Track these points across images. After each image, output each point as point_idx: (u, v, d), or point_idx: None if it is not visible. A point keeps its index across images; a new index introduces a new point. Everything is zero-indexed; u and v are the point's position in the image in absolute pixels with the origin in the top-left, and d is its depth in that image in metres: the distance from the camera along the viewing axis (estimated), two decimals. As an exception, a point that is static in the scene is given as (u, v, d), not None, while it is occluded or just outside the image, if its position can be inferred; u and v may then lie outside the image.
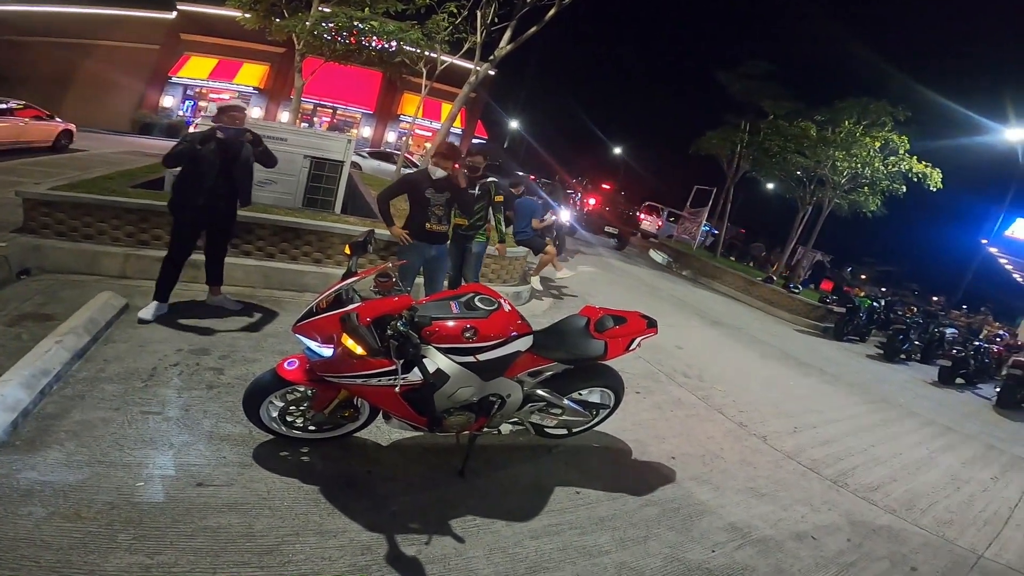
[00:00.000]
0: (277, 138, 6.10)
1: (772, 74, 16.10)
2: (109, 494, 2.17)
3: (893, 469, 4.31)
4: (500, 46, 8.08)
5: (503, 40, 8.04)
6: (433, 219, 4.01)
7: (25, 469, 2.20)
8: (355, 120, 24.11)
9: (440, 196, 4.00)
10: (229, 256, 4.82)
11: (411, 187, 4.05)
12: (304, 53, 10.50)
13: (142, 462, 2.38)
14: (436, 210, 4.01)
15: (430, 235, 4.06)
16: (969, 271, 15.71)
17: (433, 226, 4.02)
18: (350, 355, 2.22)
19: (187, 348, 3.46)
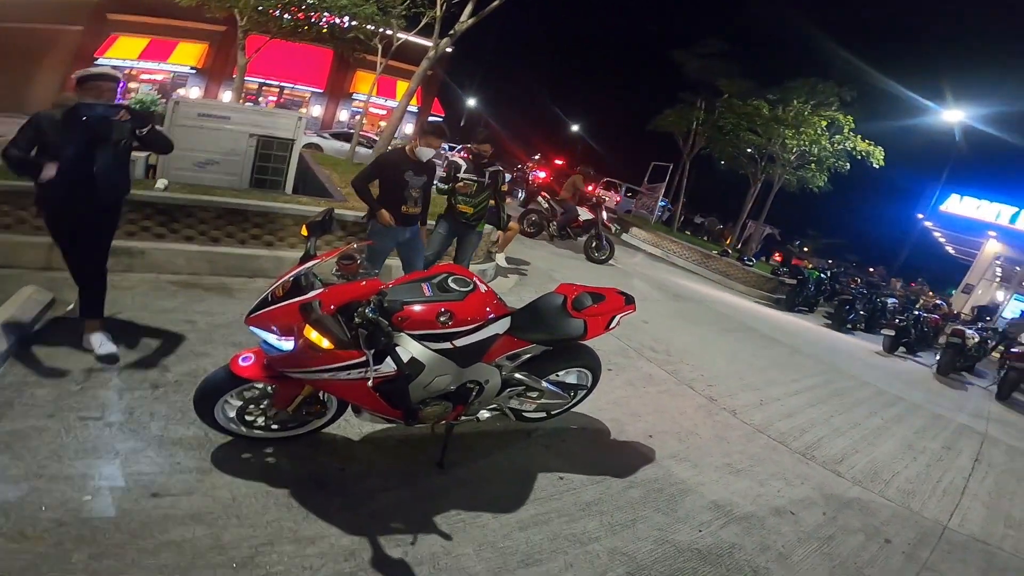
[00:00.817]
0: (219, 116, 5.70)
1: (726, 53, 16.40)
2: (54, 511, 1.92)
3: (854, 440, 4.47)
4: (461, 20, 7.72)
5: (464, 14, 7.69)
6: (410, 201, 3.91)
7: (-46, 486, 1.91)
8: (304, 99, 22.99)
9: (418, 179, 3.90)
10: (170, 242, 4.44)
11: (389, 168, 3.90)
12: (247, 30, 9.80)
13: (86, 473, 2.12)
14: (413, 192, 3.90)
15: (406, 218, 3.94)
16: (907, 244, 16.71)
17: (409, 208, 3.92)
18: (314, 348, 2.00)
19: (125, 344, 3.12)
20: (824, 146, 14.32)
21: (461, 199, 4.49)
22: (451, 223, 4.61)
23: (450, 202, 4.58)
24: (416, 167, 3.88)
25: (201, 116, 5.62)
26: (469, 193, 4.49)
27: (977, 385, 8.45)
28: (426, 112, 25.23)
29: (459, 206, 4.51)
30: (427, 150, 3.82)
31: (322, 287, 2.15)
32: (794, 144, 14.40)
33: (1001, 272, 18.11)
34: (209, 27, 18.22)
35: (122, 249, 4.17)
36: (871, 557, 2.86)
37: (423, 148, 3.80)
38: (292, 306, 2.04)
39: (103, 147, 2.74)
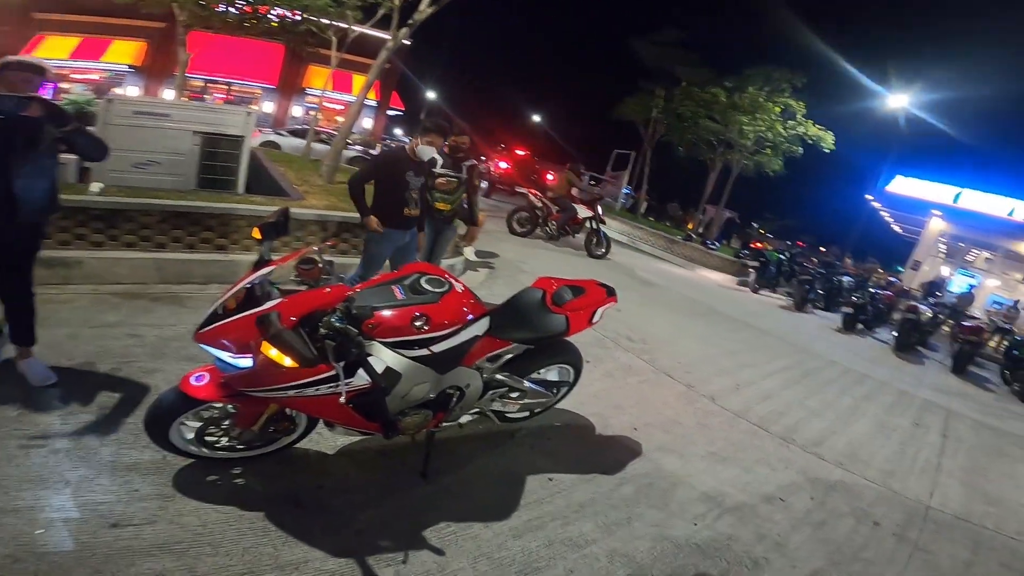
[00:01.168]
0: (158, 114, 5.28)
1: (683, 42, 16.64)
2: (5, 545, 1.72)
3: (830, 421, 4.54)
4: (419, 9, 7.42)
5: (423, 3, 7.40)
6: (411, 203, 3.75)
7: None
8: (254, 95, 22.02)
9: (418, 179, 3.75)
10: (109, 251, 4.08)
11: (388, 168, 3.74)
12: (188, 25, 9.19)
13: (35, 505, 1.90)
14: (414, 193, 3.74)
15: (407, 220, 3.79)
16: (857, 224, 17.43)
17: (411, 211, 3.76)
18: (275, 366, 1.78)
19: (67, 364, 2.81)
20: (779, 131, 14.74)
21: (439, 196, 4.29)
22: (430, 222, 4.33)
23: (426, 199, 4.23)
24: (417, 167, 3.71)
25: (138, 114, 5.19)
26: (448, 190, 4.31)
27: (933, 359, 8.82)
28: (385, 106, 24.64)
29: (437, 204, 4.30)
30: (428, 149, 3.63)
31: (280, 296, 1.94)
32: (751, 130, 14.76)
33: (945, 249, 19.13)
34: (146, 24, 17.16)
35: (56, 260, 3.80)
36: (864, 541, 2.88)
37: (424, 147, 3.62)
38: (247, 319, 1.82)
39: (15, 152, 2.26)
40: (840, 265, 14.75)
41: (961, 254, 18.40)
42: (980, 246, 17.98)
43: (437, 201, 4.31)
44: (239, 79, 21.32)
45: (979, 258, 18.58)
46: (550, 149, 35.45)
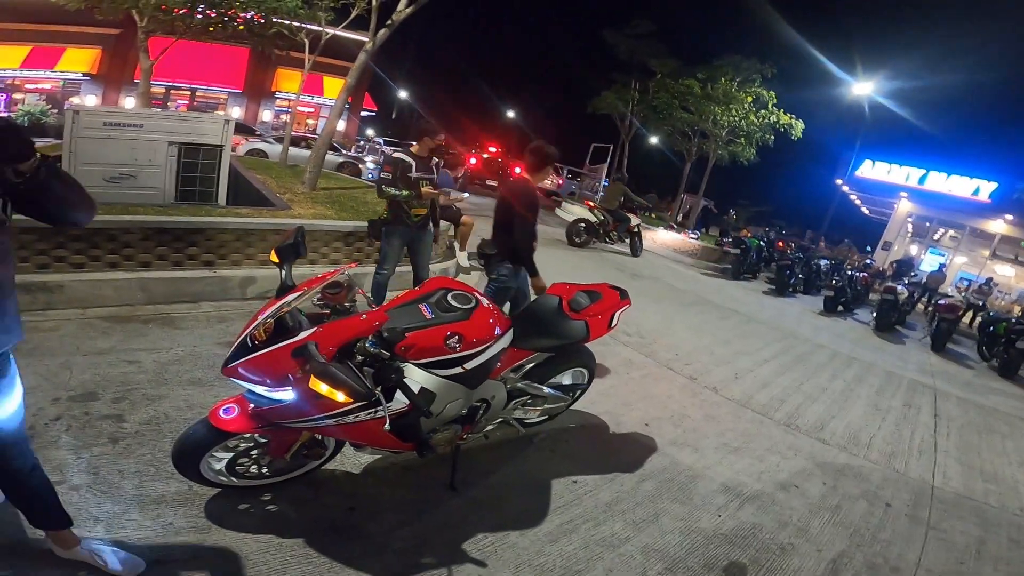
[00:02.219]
0: (129, 124, 5.04)
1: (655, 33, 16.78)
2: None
3: (826, 405, 4.67)
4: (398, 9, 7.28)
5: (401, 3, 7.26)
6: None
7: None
8: (220, 101, 21.42)
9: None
10: (91, 272, 3.92)
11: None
12: (149, 31, 8.84)
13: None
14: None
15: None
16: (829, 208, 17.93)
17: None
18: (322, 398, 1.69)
19: (66, 396, 2.68)
20: (752, 121, 15.03)
21: (417, 203, 4.05)
22: (403, 230, 4.10)
23: (400, 206, 4.01)
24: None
25: (108, 125, 4.94)
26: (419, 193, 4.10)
27: (912, 338, 9.14)
28: (358, 107, 24.25)
29: (414, 209, 4.06)
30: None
31: (309, 324, 1.87)
32: (725, 120, 15.02)
33: (913, 228, 19.84)
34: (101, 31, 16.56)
35: (36, 284, 3.63)
36: (879, 522, 2.97)
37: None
38: (283, 351, 1.76)
39: None
40: (815, 249, 15.17)
41: (929, 233, 19.10)
42: (946, 225, 18.71)
43: (414, 207, 4.06)
44: (203, 84, 20.73)
45: (945, 236, 19.31)
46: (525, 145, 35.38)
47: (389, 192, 3.87)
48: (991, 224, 16.77)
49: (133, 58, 9.22)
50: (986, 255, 17.90)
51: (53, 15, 10.88)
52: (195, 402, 2.78)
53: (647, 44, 16.92)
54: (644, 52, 16.93)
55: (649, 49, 16.82)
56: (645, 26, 16.93)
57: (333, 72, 18.15)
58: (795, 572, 2.42)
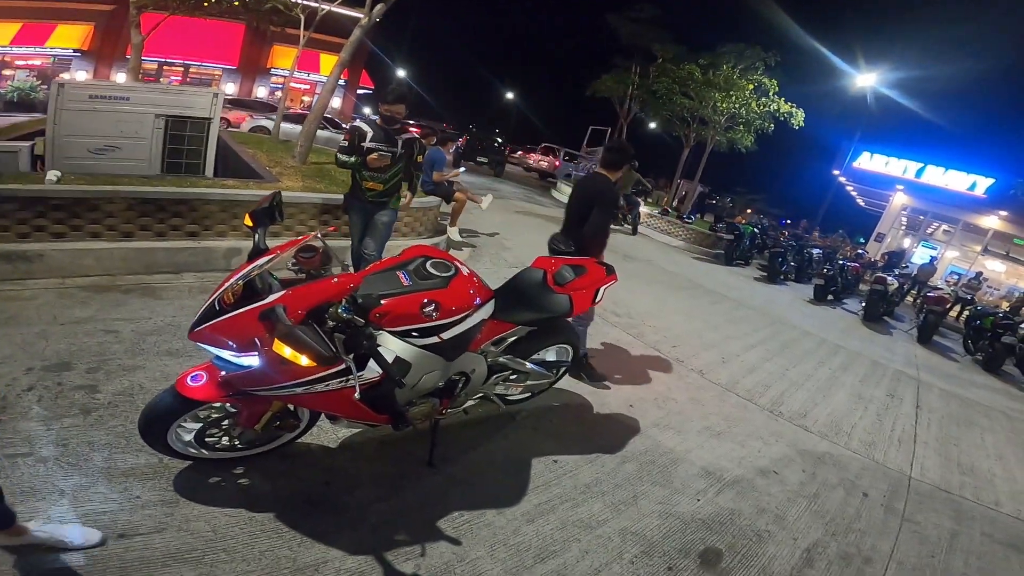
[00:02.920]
0: (115, 97, 4.96)
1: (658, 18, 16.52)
2: (8, 565, 1.60)
3: (811, 392, 4.68)
4: (395, -14, 7.11)
5: (398, -21, 7.08)
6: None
7: None
8: (214, 77, 21.04)
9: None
10: (72, 242, 3.83)
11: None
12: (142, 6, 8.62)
13: (33, 516, 1.76)
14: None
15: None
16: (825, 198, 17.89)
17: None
18: (287, 364, 1.65)
19: (40, 366, 2.63)
20: (752, 108, 14.89)
21: (368, 175, 3.71)
22: (358, 205, 3.86)
23: (355, 178, 3.81)
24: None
25: (93, 98, 4.87)
26: (379, 167, 3.67)
27: (900, 329, 9.18)
28: (354, 85, 23.88)
29: (366, 183, 3.74)
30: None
31: (281, 288, 1.81)
32: (725, 107, 14.87)
33: (907, 221, 19.86)
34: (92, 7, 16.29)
35: (16, 253, 3.56)
36: (855, 512, 2.98)
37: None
38: (250, 314, 1.70)
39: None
40: (809, 238, 15.17)
41: (922, 227, 19.13)
42: (940, 219, 18.74)
43: (367, 180, 3.75)
44: (197, 60, 20.35)
45: (938, 230, 19.36)
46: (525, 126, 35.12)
47: (341, 158, 3.66)
48: (985, 219, 16.81)
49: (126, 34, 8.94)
50: (978, 250, 17.97)
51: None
52: (171, 372, 2.73)
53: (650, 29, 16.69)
54: (647, 37, 16.71)
55: (652, 34, 16.60)
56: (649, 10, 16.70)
57: (329, 49, 17.78)
58: (770, 560, 2.42)
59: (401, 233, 5.66)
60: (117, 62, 18.16)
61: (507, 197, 13.18)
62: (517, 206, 11.89)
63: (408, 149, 3.81)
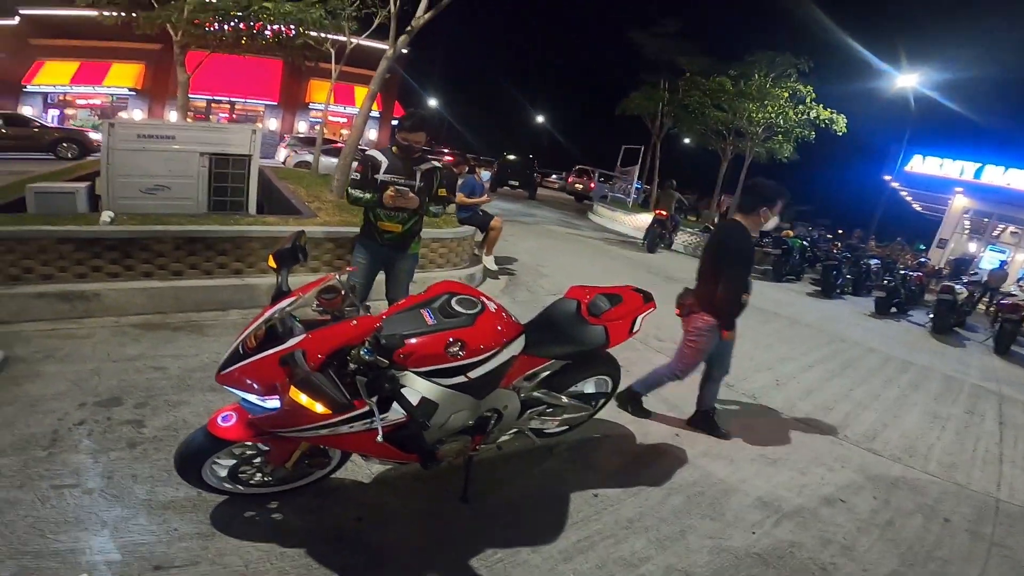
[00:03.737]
0: (162, 136, 5.19)
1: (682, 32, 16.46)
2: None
3: (879, 413, 4.34)
4: (417, 16, 7.34)
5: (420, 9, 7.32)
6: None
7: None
8: (258, 113, 22.23)
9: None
10: (126, 281, 4.02)
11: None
12: (185, 45, 9.20)
13: (75, 548, 1.83)
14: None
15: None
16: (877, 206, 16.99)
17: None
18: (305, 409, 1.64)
19: (92, 401, 2.74)
20: (789, 117, 14.46)
21: (385, 214, 3.22)
22: (372, 246, 3.35)
23: (368, 217, 3.32)
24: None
25: (142, 137, 5.09)
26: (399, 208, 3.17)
27: (973, 340, 8.49)
28: (388, 116, 24.70)
29: (382, 223, 3.26)
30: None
31: (303, 330, 1.79)
32: (760, 117, 14.50)
33: (970, 225, 18.60)
34: (142, 46, 17.27)
35: (75, 293, 3.76)
36: (936, 539, 2.70)
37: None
38: (271, 359, 1.69)
39: None
40: (864, 248, 14.40)
41: (987, 230, 17.87)
42: (1007, 220, 17.45)
43: (381, 220, 3.25)
44: (241, 97, 21.49)
45: (1004, 232, 18.03)
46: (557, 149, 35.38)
47: (354, 194, 3.18)
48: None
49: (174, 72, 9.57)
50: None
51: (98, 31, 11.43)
52: (213, 408, 2.76)
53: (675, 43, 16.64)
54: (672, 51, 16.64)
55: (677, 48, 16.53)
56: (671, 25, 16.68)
57: (362, 82, 18.45)
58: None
59: (436, 264, 5.65)
60: (169, 100, 19.02)
61: (542, 222, 13.20)
62: (553, 231, 11.86)
63: (427, 181, 3.28)
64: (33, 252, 3.74)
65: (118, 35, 11.27)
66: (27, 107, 18.27)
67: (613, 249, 10.73)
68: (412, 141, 3.15)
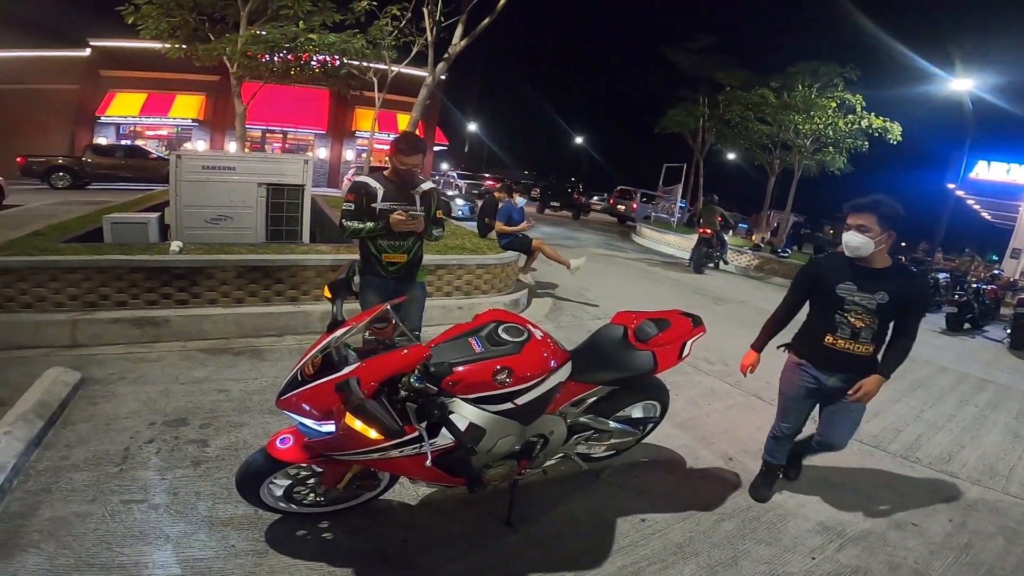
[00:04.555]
0: (224, 167, 5.51)
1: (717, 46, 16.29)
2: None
3: (955, 435, 4.05)
4: (453, 43, 7.65)
5: (455, 36, 7.62)
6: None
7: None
8: (309, 142, 23.31)
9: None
10: (193, 308, 4.29)
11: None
12: (240, 76, 9.86)
13: (139, 561, 1.94)
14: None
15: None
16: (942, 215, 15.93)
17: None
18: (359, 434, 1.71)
19: (161, 421, 2.93)
20: (839, 127, 13.93)
21: (389, 245, 3.00)
22: (376, 281, 3.04)
23: (368, 249, 3.03)
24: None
25: (206, 169, 5.42)
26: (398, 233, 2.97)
27: (1057, 356, 7.79)
28: (429, 142, 25.40)
29: (386, 255, 3.02)
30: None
31: (357, 359, 1.88)
32: (807, 129, 14.04)
33: (1047, 232, 17.19)
34: (202, 77, 18.13)
35: (145, 319, 4.05)
36: (1018, 561, 2.50)
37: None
38: (327, 386, 1.77)
39: None
40: (932, 261, 13.57)
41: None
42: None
43: (386, 252, 3.01)
44: (292, 127, 22.34)
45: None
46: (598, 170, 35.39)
47: (351, 226, 2.90)
48: None
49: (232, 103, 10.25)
50: None
51: (162, 63, 12.22)
52: (271, 430, 2.90)
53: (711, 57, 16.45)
54: (709, 66, 16.44)
55: (714, 62, 16.33)
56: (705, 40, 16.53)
57: (404, 109, 18.88)
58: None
59: (480, 291, 5.71)
60: (228, 130, 19.71)
61: (584, 244, 13.17)
62: (596, 254, 11.78)
63: (426, 204, 3.09)
64: (110, 280, 4.06)
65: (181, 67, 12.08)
66: (101, 138, 19.63)
67: (658, 271, 10.54)
68: (410, 165, 2.94)
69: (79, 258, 4.03)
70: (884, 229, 2.32)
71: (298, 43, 8.85)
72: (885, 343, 2.51)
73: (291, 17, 9.12)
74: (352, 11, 9.32)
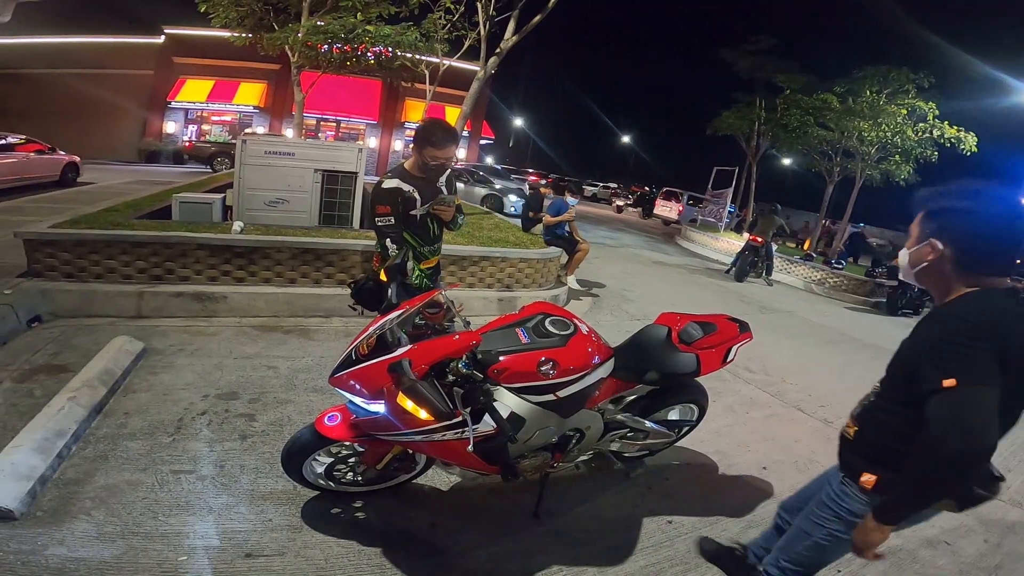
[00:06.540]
0: (284, 153, 5.74)
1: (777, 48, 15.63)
2: (151, 572, 1.85)
3: (1001, 457, 3.79)
4: (505, 37, 7.66)
5: (507, 31, 7.63)
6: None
7: (52, 544, 1.90)
8: (360, 131, 23.89)
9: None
10: (249, 286, 4.53)
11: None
12: (300, 66, 10.22)
13: (181, 531, 2.06)
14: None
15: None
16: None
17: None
18: (408, 414, 1.78)
19: (214, 393, 3.12)
20: (908, 136, 13.13)
21: (429, 251, 2.88)
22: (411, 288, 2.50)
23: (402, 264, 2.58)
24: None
25: (268, 154, 5.66)
26: (431, 234, 2.84)
27: None
28: (477, 135, 25.59)
29: (425, 262, 2.89)
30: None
31: (409, 342, 1.94)
32: (873, 136, 13.30)
33: None
34: (265, 66, 19.02)
35: (206, 295, 4.30)
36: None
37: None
38: (380, 366, 1.83)
39: None
40: None
41: None
42: None
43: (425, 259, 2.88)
44: (345, 116, 22.99)
45: None
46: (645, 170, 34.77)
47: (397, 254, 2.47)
48: None
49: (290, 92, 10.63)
50: None
51: (228, 51, 12.82)
52: (315, 408, 3.06)
53: (771, 60, 15.75)
54: (768, 68, 15.76)
55: (774, 64, 15.63)
56: (765, 41, 15.84)
57: (453, 102, 19.17)
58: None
59: (522, 284, 5.78)
60: (285, 118, 20.93)
61: (627, 246, 13.01)
62: (639, 255, 11.65)
63: (450, 190, 2.89)
64: (175, 256, 4.34)
65: (245, 55, 12.61)
66: (171, 122, 20.88)
67: (701, 276, 10.32)
68: (442, 159, 2.61)
69: (150, 234, 4.31)
70: None
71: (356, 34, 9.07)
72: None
73: (350, 8, 9.37)
74: (407, 4, 9.49)
